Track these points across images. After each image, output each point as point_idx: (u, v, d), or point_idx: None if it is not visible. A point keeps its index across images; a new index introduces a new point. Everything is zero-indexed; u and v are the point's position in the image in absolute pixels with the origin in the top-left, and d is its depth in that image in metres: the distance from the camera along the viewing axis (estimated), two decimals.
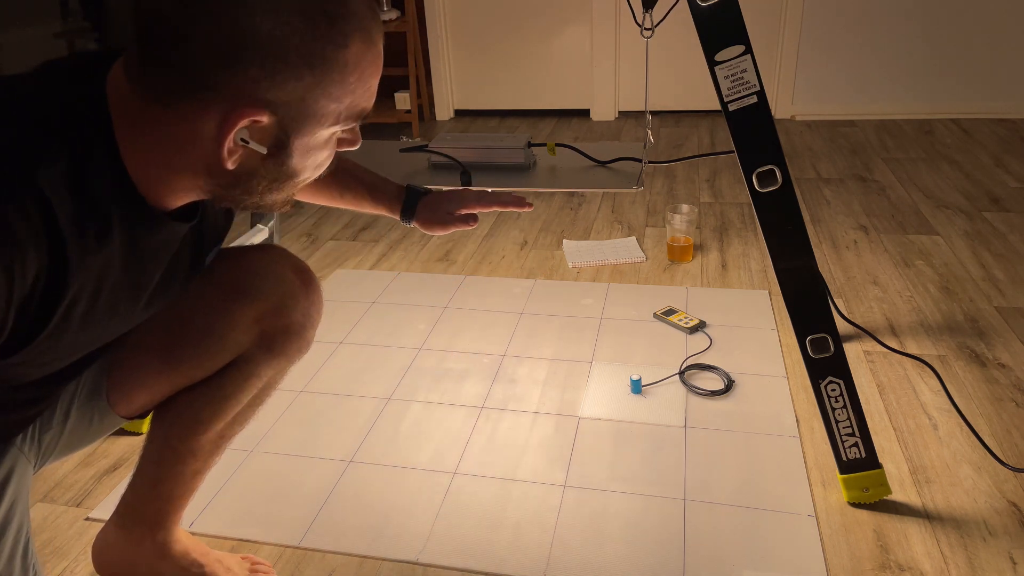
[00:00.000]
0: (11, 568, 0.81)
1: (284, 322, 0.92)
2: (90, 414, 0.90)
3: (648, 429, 1.39)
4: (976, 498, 1.19)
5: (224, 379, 0.91)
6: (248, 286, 0.90)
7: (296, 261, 0.94)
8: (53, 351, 0.69)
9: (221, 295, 0.89)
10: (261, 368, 0.93)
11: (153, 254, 0.74)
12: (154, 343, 0.89)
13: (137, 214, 0.69)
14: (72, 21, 3.34)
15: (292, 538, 1.17)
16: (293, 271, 0.93)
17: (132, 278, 0.72)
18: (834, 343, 1.11)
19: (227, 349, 0.90)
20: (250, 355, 0.91)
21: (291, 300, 0.92)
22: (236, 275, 0.90)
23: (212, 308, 0.88)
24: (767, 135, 1.04)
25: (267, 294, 0.90)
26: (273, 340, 0.92)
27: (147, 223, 0.70)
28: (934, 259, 1.98)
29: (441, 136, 1.46)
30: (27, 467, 0.85)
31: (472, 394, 1.52)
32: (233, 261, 0.91)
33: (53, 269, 0.62)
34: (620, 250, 2.12)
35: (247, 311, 0.89)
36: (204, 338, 0.89)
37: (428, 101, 3.66)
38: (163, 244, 0.75)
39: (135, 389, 0.90)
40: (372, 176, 1.11)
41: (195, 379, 0.91)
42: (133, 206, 0.68)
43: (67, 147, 0.62)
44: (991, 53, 3.16)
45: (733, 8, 1.00)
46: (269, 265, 0.92)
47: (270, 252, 0.94)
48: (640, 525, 1.17)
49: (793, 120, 3.37)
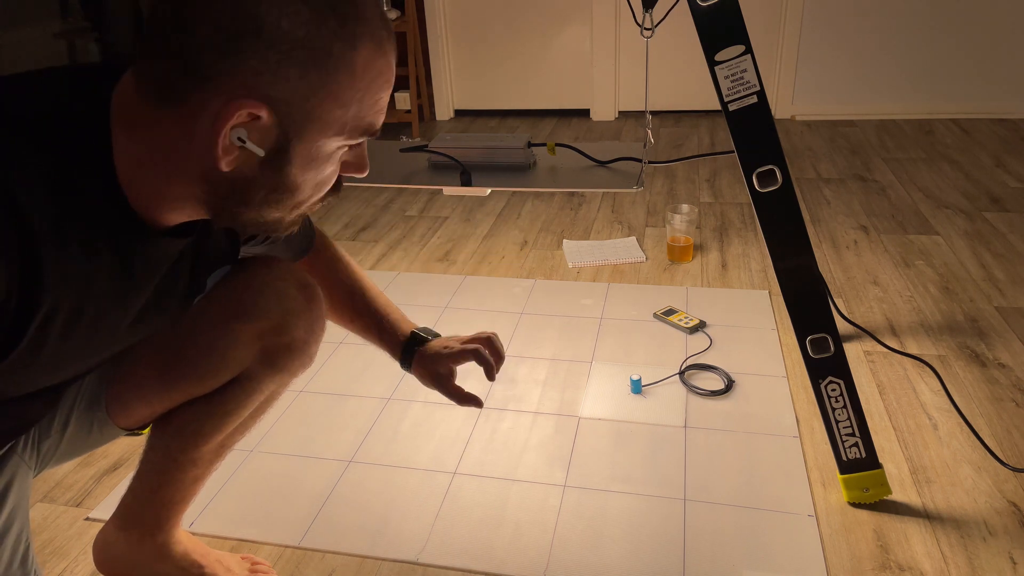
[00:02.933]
0: (10, 574, 0.81)
1: (286, 339, 0.90)
2: (89, 423, 0.89)
3: (648, 429, 1.39)
4: (976, 498, 1.19)
5: (226, 394, 0.90)
6: (250, 304, 0.87)
7: (300, 275, 0.92)
8: (33, 367, 0.66)
9: (222, 313, 0.87)
10: (263, 384, 0.91)
11: (143, 270, 0.70)
12: (154, 358, 0.87)
13: (126, 227, 0.65)
14: (72, 21, 3.34)
15: (292, 538, 1.17)
16: (296, 287, 0.90)
17: (119, 294, 0.69)
18: (834, 343, 1.11)
19: (228, 367, 0.88)
20: (252, 371, 0.90)
21: (293, 317, 0.89)
22: (238, 292, 0.87)
23: (213, 326, 0.86)
24: (767, 135, 1.04)
25: (269, 312, 0.88)
26: (275, 357, 0.90)
27: (137, 237, 0.67)
28: (934, 259, 1.98)
29: (441, 136, 1.46)
30: (27, 473, 0.85)
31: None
32: (235, 276, 0.89)
33: (26, 281, 0.58)
34: (620, 250, 2.12)
35: (248, 329, 0.87)
36: (205, 356, 0.87)
37: (428, 101, 3.66)
38: (155, 261, 0.72)
39: (134, 402, 0.89)
40: (385, 312, 1.06)
41: (196, 395, 0.89)
42: (122, 219, 0.65)
43: (54, 156, 0.59)
44: (991, 53, 3.16)
45: (733, 8, 1.00)
46: (271, 282, 0.89)
47: (273, 267, 0.91)
48: (640, 525, 1.17)
49: (793, 120, 3.37)
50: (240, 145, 0.61)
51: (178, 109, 0.61)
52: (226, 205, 0.67)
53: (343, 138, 0.66)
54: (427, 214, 2.48)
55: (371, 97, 0.65)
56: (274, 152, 0.63)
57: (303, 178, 0.66)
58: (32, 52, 3.21)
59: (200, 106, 0.60)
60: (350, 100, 0.63)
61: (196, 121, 0.60)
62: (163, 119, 0.62)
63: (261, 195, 0.66)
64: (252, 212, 0.68)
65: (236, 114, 0.59)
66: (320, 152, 0.65)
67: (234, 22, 0.57)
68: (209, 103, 0.59)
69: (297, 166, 0.65)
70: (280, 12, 0.58)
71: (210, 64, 0.58)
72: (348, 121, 0.64)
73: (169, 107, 0.61)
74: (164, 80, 0.60)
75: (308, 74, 0.60)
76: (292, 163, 0.64)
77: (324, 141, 0.65)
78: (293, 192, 0.67)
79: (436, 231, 2.34)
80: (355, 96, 0.63)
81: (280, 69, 0.59)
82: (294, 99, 0.61)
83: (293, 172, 0.65)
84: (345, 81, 0.62)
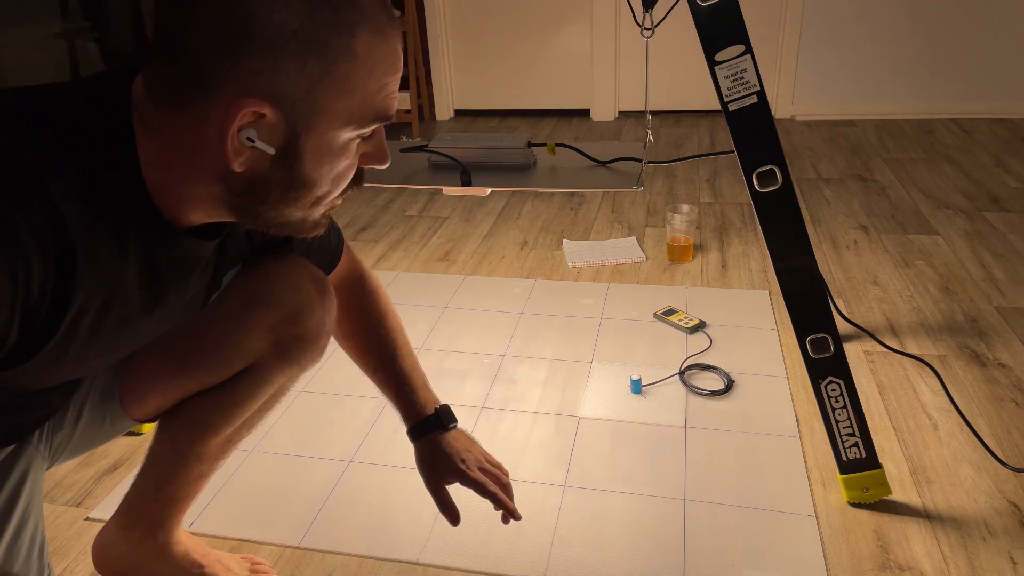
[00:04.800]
0: (28, 567, 0.81)
1: (299, 330, 0.90)
2: (102, 416, 0.90)
3: (648, 429, 1.39)
4: (976, 498, 1.19)
5: (236, 385, 0.90)
6: (265, 294, 0.88)
7: (312, 270, 0.93)
8: (60, 361, 0.67)
9: (237, 303, 0.88)
10: (274, 375, 0.92)
11: (170, 270, 0.72)
12: (169, 348, 0.88)
13: (153, 227, 0.67)
14: (72, 21, 3.34)
15: (292, 538, 1.17)
16: (310, 280, 0.92)
17: (145, 293, 0.70)
18: (834, 343, 1.11)
19: (241, 356, 0.89)
20: (263, 362, 0.90)
21: (306, 309, 0.90)
22: (253, 283, 0.89)
23: (228, 316, 0.88)
24: (767, 135, 1.04)
25: (283, 302, 0.89)
26: (287, 348, 0.91)
27: (163, 237, 0.68)
28: (934, 259, 1.98)
29: (441, 136, 1.46)
30: (42, 466, 0.85)
31: (472, 394, 1.52)
32: (251, 269, 0.90)
33: (61, 279, 0.60)
34: (620, 250, 2.12)
35: (262, 319, 0.88)
36: (220, 345, 0.87)
37: (428, 101, 3.66)
38: (181, 261, 0.73)
39: (148, 393, 0.90)
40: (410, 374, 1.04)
41: (208, 384, 0.90)
42: (149, 219, 0.66)
43: (84, 157, 0.61)
44: (991, 53, 3.16)
45: (733, 8, 1.00)
46: (286, 274, 0.90)
47: (288, 261, 0.92)
48: (640, 525, 1.17)
49: (793, 120, 3.37)
50: (250, 145, 0.62)
51: (187, 113, 0.61)
52: (245, 204, 0.67)
53: (354, 128, 0.65)
54: (427, 214, 2.48)
55: (376, 83, 0.64)
56: (284, 148, 0.63)
57: (318, 172, 0.66)
58: (32, 52, 3.21)
59: (206, 110, 0.60)
60: (354, 88, 0.63)
61: (205, 124, 0.61)
62: (174, 123, 0.62)
63: (278, 192, 0.66)
64: (272, 211, 0.68)
65: (240, 115, 0.59)
66: (332, 144, 0.65)
67: (226, 24, 0.57)
68: (214, 107, 0.60)
69: (309, 160, 0.65)
70: (271, 7, 0.57)
71: (209, 69, 0.59)
72: (355, 110, 0.64)
73: (178, 111, 0.62)
74: (169, 86, 0.61)
75: (307, 67, 0.60)
76: (304, 158, 0.64)
77: (334, 133, 0.64)
78: (310, 188, 0.67)
79: (436, 231, 2.34)
80: (359, 84, 0.63)
81: (278, 65, 0.59)
82: (297, 93, 0.60)
83: (306, 167, 0.65)
84: (346, 70, 0.61)
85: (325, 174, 0.67)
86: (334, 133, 0.64)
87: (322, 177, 0.67)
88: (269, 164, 0.64)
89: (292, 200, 0.67)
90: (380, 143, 0.70)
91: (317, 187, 0.67)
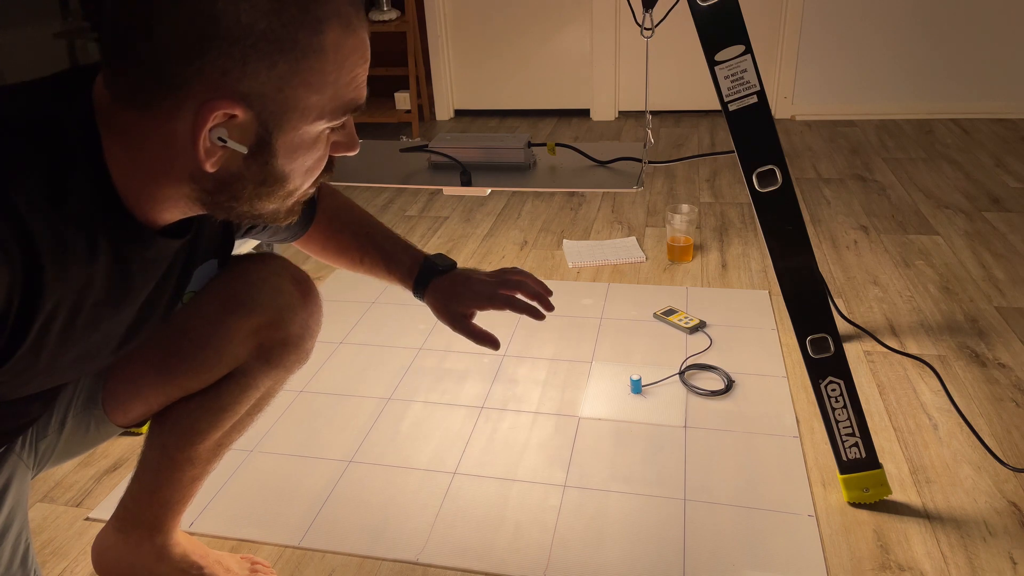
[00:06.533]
0: (10, 574, 0.81)
1: (282, 335, 0.90)
2: (87, 422, 0.89)
3: (648, 429, 1.39)
4: (976, 498, 1.19)
5: (221, 390, 0.90)
6: (245, 298, 0.87)
7: (295, 271, 0.92)
8: (32, 370, 0.66)
9: (218, 308, 0.87)
10: (259, 380, 0.91)
11: (141, 271, 0.71)
12: (150, 355, 0.87)
13: (123, 229, 0.65)
14: (72, 21, 3.34)
15: (292, 538, 1.17)
16: (292, 282, 0.91)
17: (116, 295, 0.69)
18: (834, 343, 1.11)
19: (224, 362, 0.88)
20: (247, 367, 0.90)
21: (289, 312, 0.89)
22: (233, 287, 0.88)
23: (209, 321, 0.86)
24: (767, 135, 1.04)
25: (264, 307, 0.88)
26: (271, 352, 0.90)
27: (134, 239, 0.67)
28: (934, 259, 1.98)
29: (441, 136, 1.46)
30: (26, 473, 0.85)
31: (472, 394, 1.52)
32: (231, 272, 0.89)
33: (28, 287, 0.59)
34: (620, 250, 2.12)
35: (244, 324, 0.87)
36: (200, 351, 0.86)
37: (428, 101, 3.66)
38: (152, 261, 0.72)
39: (131, 400, 0.89)
40: (392, 244, 1.06)
41: (192, 391, 0.89)
42: (119, 221, 0.65)
43: (48, 162, 0.59)
44: (991, 53, 3.16)
45: (733, 8, 1.00)
46: (267, 277, 0.89)
47: (269, 263, 0.91)
48: (640, 525, 1.17)
49: (793, 120, 3.37)
50: (222, 145, 0.61)
51: (154, 114, 0.60)
52: (218, 200, 0.66)
53: (325, 121, 0.65)
54: (427, 214, 2.48)
55: (346, 76, 0.64)
56: (257, 146, 0.63)
57: (291, 167, 0.66)
58: (32, 52, 3.21)
59: (174, 111, 0.59)
60: (324, 84, 0.62)
61: (174, 125, 0.60)
62: (141, 124, 0.61)
63: (251, 188, 0.66)
64: (245, 205, 0.67)
65: (211, 116, 0.59)
66: (304, 139, 0.65)
67: (193, 25, 0.56)
68: (183, 108, 0.59)
69: (283, 156, 0.64)
70: (237, 8, 0.56)
71: (176, 71, 0.57)
72: (327, 104, 0.64)
73: (144, 112, 0.60)
74: (135, 88, 0.60)
75: (276, 65, 0.59)
76: (277, 154, 0.64)
77: (306, 127, 0.64)
78: (283, 182, 0.67)
79: (436, 231, 2.34)
80: (329, 79, 0.62)
81: (247, 65, 0.58)
82: (267, 92, 0.60)
83: (279, 163, 0.65)
84: (316, 66, 0.61)
85: (298, 168, 0.67)
86: (306, 127, 0.64)
87: (295, 171, 0.67)
88: (242, 162, 0.63)
89: (266, 195, 0.67)
90: (350, 131, 0.70)
91: (290, 181, 0.67)
